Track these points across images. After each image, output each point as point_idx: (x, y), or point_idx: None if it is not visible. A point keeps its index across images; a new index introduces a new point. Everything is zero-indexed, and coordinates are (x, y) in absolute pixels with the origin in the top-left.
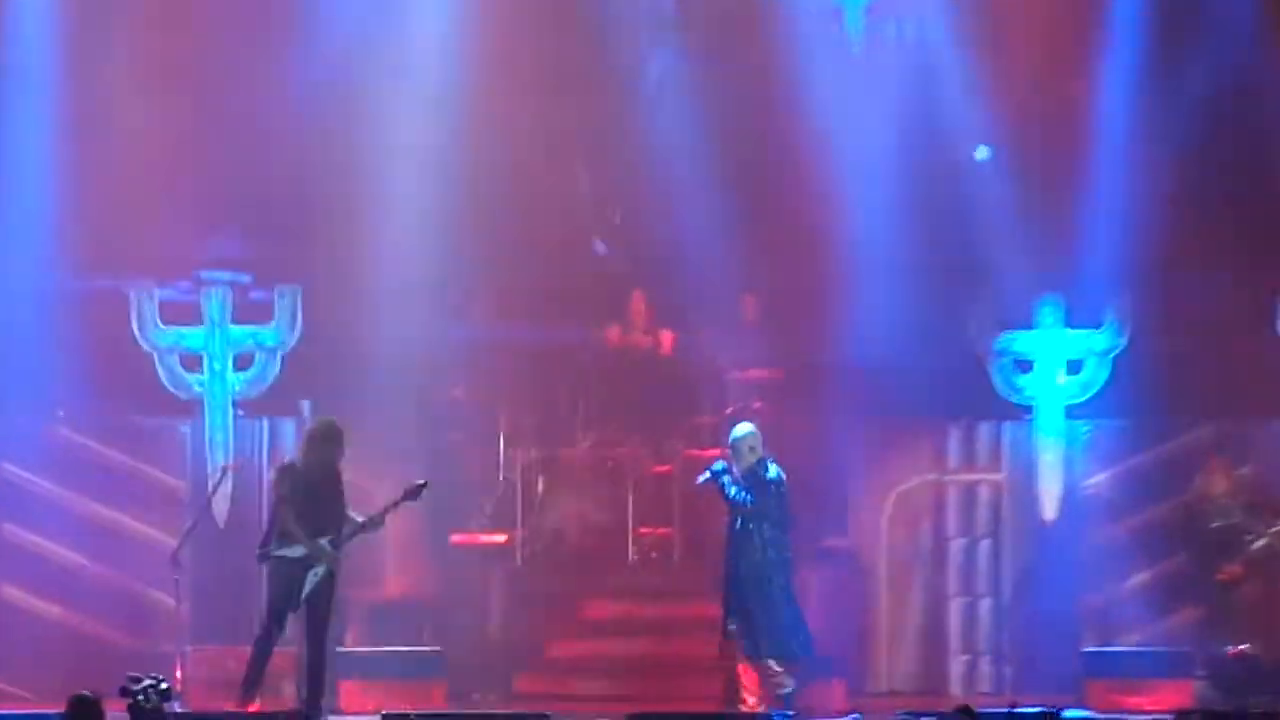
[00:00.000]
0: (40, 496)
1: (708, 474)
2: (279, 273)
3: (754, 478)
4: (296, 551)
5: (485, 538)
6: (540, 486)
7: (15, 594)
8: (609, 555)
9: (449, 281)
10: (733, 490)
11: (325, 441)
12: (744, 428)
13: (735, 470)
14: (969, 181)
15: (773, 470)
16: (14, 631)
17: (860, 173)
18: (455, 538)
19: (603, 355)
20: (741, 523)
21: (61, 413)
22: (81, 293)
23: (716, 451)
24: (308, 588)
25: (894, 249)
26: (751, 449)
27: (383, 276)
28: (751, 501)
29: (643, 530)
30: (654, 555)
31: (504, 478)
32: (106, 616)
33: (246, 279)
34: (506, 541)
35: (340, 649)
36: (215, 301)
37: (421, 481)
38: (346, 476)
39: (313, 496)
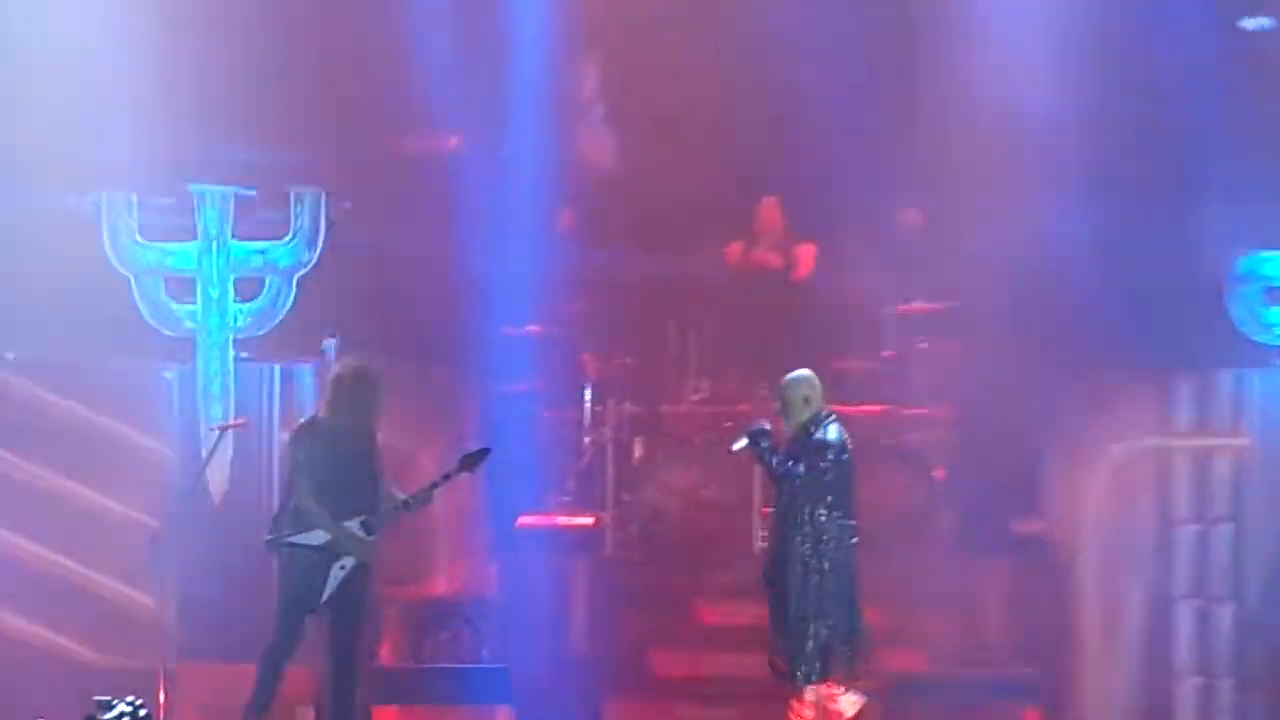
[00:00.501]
0: None
1: (743, 438)
2: (295, 181)
3: (806, 440)
4: (317, 538)
5: (565, 520)
6: (637, 453)
7: None
8: (727, 542)
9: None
10: (774, 459)
11: (357, 393)
12: (798, 373)
13: (787, 428)
14: (1196, 65)
15: (832, 431)
16: None
17: (1055, 59)
18: (525, 520)
19: (721, 282)
20: (789, 502)
21: (11, 356)
22: (38, 211)
23: (868, 407)
24: (331, 585)
25: (1099, 153)
26: (806, 400)
27: (431, 185)
28: (800, 472)
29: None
30: None
31: (590, 442)
32: (70, 624)
33: (252, 193)
34: (593, 525)
35: (374, 665)
36: (211, 211)
37: (481, 447)
38: (383, 440)
39: (340, 466)
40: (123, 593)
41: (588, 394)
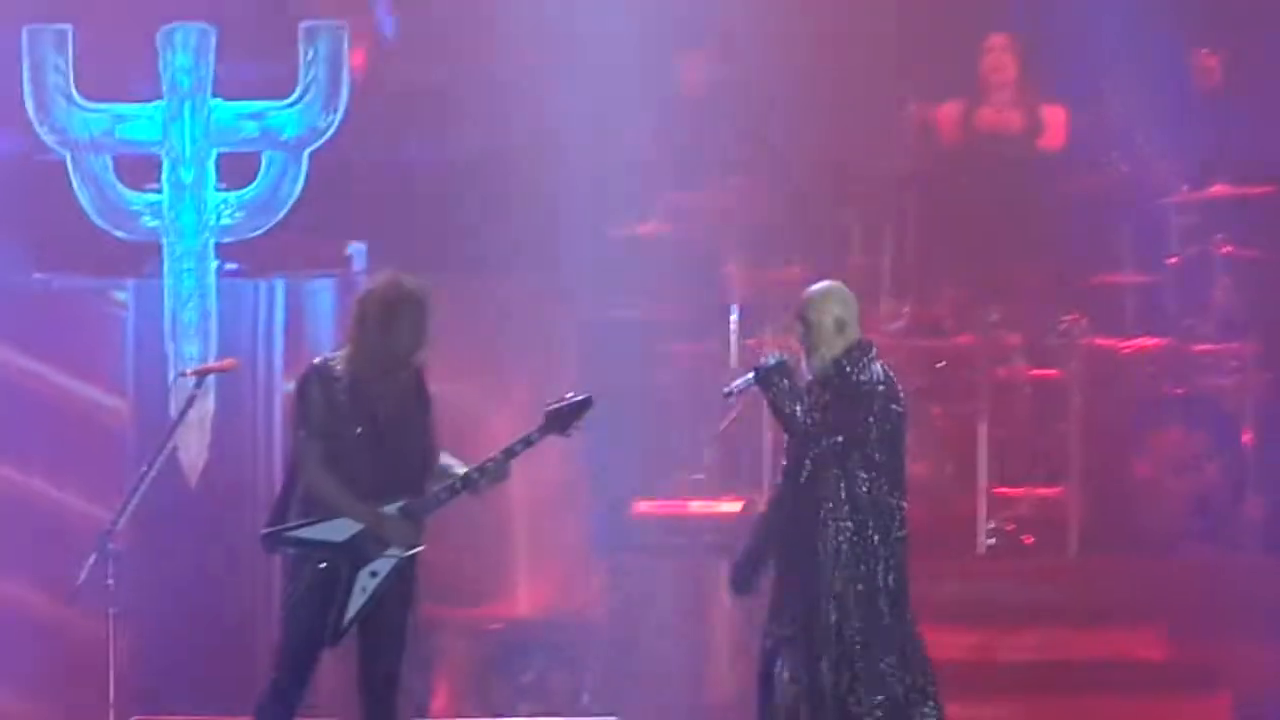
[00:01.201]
0: None
1: (749, 375)
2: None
3: (841, 383)
4: (336, 531)
5: (700, 507)
6: None
7: None
8: (941, 536)
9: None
10: (791, 405)
11: (395, 322)
12: (827, 286)
13: (810, 367)
14: None
15: (878, 370)
16: None
17: None
18: (642, 507)
19: (929, 160)
20: (809, 468)
21: None
22: None
23: (1142, 341)
24: (358, 602)
25: None
26: (840, 325)
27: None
28: (825, 423)
29: (1006, 489)
30: (1025, 537)
31: (738, 394)
32: None
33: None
34: (741, 513)
35: None
36: (183, 56)
37: (579, 397)
38: (436, 389)
39: (370, 427)
40: (59, 617)
41: (734, 321)
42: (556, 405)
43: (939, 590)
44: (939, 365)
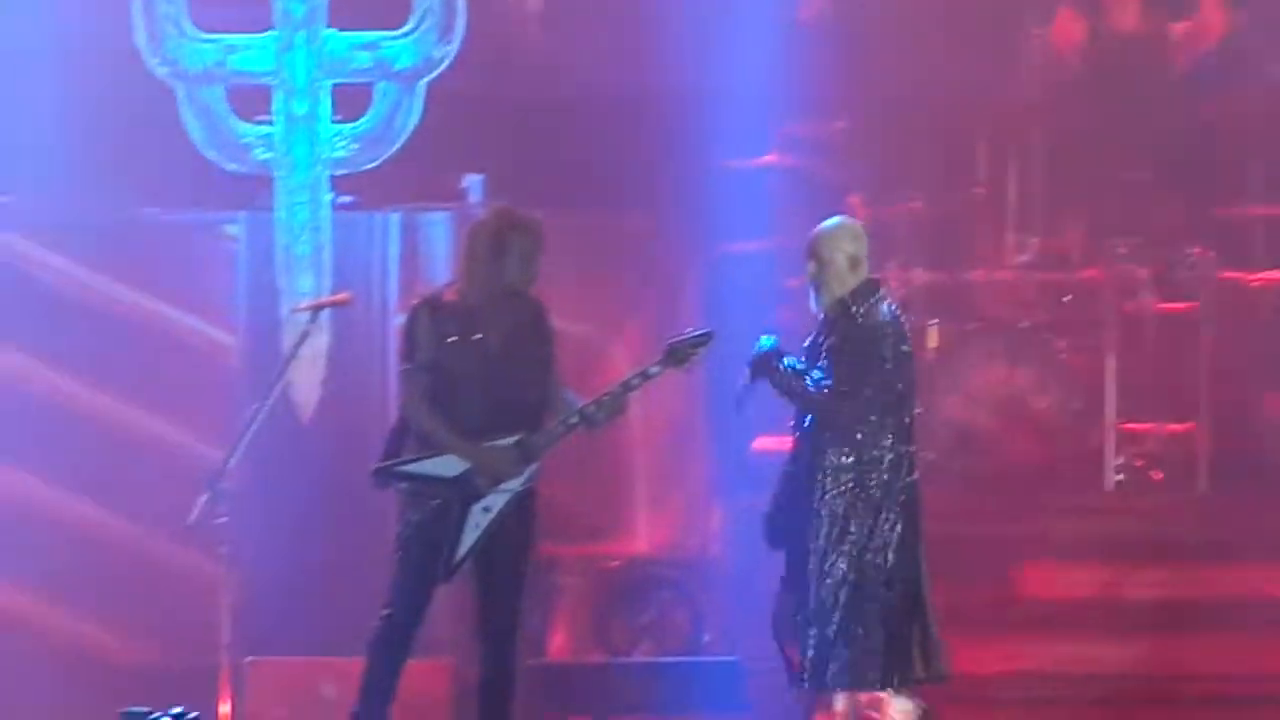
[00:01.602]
0: None
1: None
2: None
3: (849, 324)
4: (448, 466)
5: None
6: (932, 343)
7: None
8: (1069, 476)
9: None
10: (799, 383)
11: (505, 253)
12: (840, 222)
13: (818, 303)
14: None
15: (885, 309)
16: None
17: None
18: (763, 443)
19: (1055, 77)
20: (810, 427)
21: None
22: None
23: (1271, 275)
24: (471, 538)
25: None
26: (854, 263)
27: None
28: (838, 377)
29: (1134, 425)
30: (1154, 473)
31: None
32: (98, 606)
33: None
34: None
35: (536, 661)
36: None
37: (699, 331)
38: (552, 324)
39: (483, 361)
40: (171, 559)
41: None
42: (676, 339)
43: (1065, 527)
44: (1065, 299)
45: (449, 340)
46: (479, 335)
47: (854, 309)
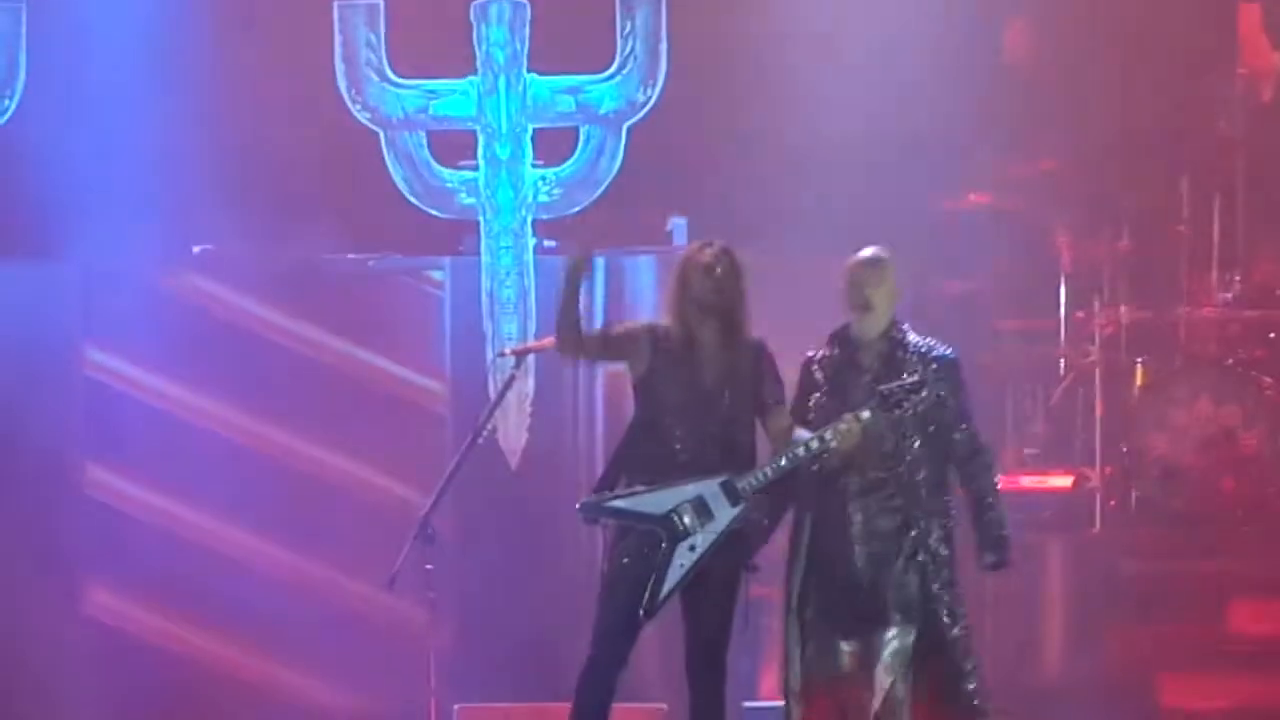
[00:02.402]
0: (156, 416)
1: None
2: None
3: (906, 360)
4: (656, 503)
5: (1031, 482)
6: (1140, 380)
7: (116, 606)
8: (1276, 509)
9: None
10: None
11: (715, 289)
12: (881, 252)
13: (858, 330)
14: None
15: (913, 341)
16: (122, 678)
17: None
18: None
19: (1254, 117)
20: (904, 472)
21: (201, 249)
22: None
23: None
24: (676, 575)
25: None
26: (884, 289)
27: None
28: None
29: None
30: None
31: (1068, 364)
32: (307, 652)
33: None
34: (1074, 488)
35: (749, 703)
36: (498, 29)
37: (913, 379)
38: (772, 365)
39: (694, 395)
40: (380, 603)
41: (1063, 293)
42: (889, 385)
43: (1273, 562)
44: (1271, 336)
45: (659, 371)
46: (691, 369)
47: (910, 345)
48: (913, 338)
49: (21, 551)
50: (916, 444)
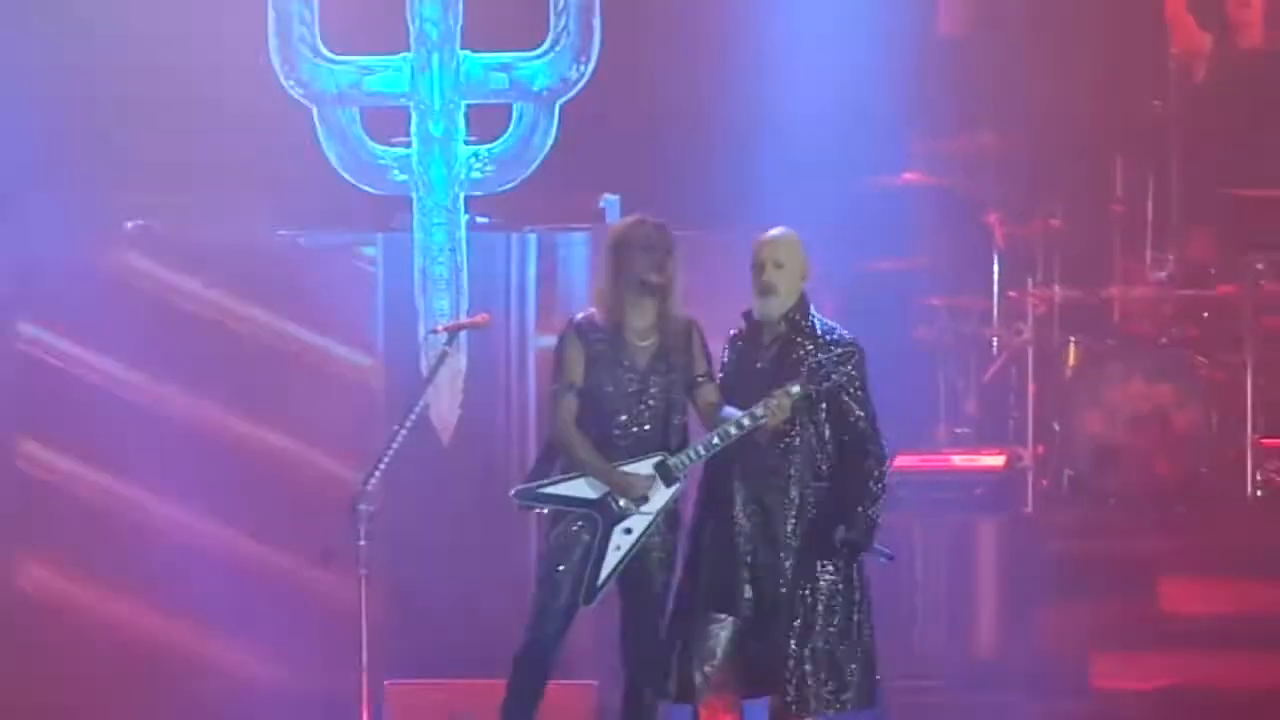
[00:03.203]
0: (88, 390)
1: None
2: None
3: (814, 340)
4: (590, 487)
5: (963, 461)
6: (1072, 359)
7: (48, 581)
8: (1209, 492)
9: None
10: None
11: (656, 267)
12: (793, 233)
13: (759, 311)
14: None
15: (815, 325)
16: (55, 654)
17: None
18: (902, 462)
19: (1187, 97)
20: (803, 460)
21: (133, 225)
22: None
23: None
24: (613, 559)
25: None
26: (787, 271)
27: None
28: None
29: (1273, 440)
30: None
31: (1000, 343)
32: (241, 629)
33: None
34: (1005, 467)
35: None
36: (429, 5)
37: (840, 351)
38: (703, 343)
39: (628, 379)
40: (313, 581)
41: (995, 272)
42: (819, 358)
43: (1212, 538)
44: (1205, 315)
45: (597, 359)
46: (625, 355)
47: (814, 326)
48: (818, 322)
49: None
50: (803, 425)
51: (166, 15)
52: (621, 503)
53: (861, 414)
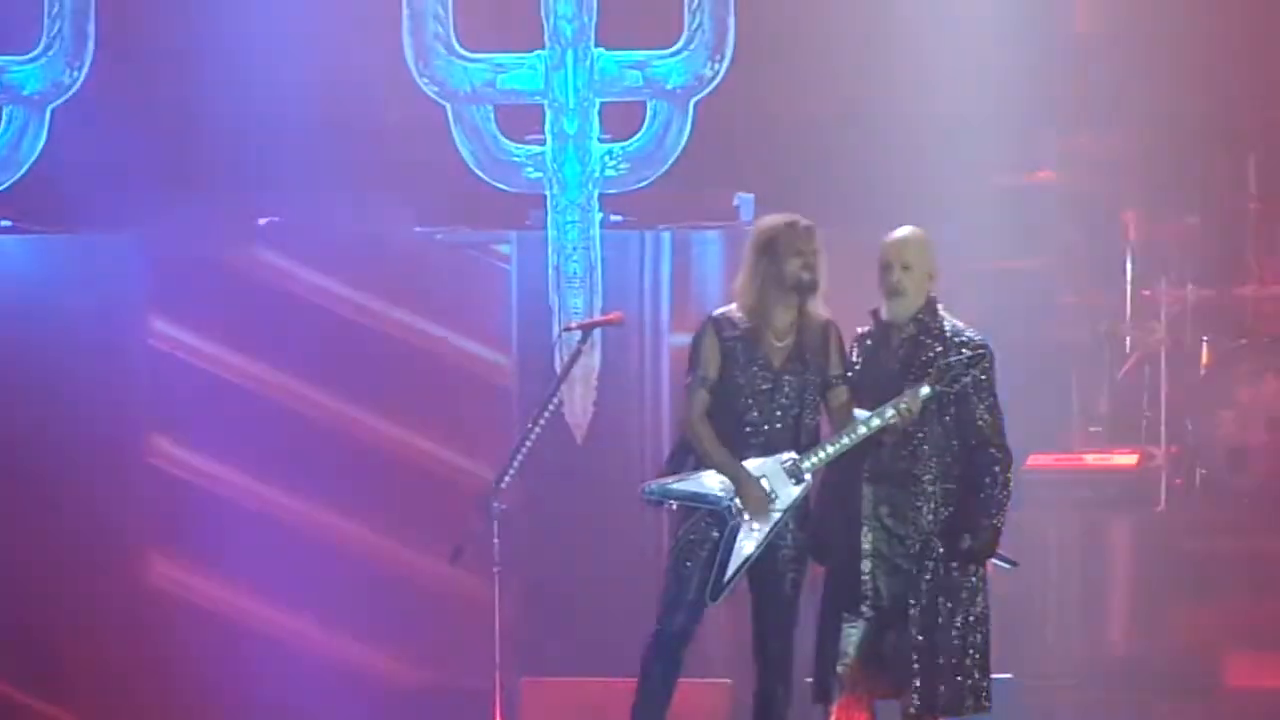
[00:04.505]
0: (220, 387)
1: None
2: None
3: (943, 341)
4: (716, 485)
5: (1095, 460)
6: (1206, 359)
7: (180, 577)
8: None
9: None
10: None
11: (806, 267)
12: (917, 231)
13: (888, 312)
14: None
15: (945, 326)
16: (186, 650)
17: None
18: (1034, 461)
19: None
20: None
21: (266, 221)
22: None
23: None
24: (740, 557)
25: None
26: (915, 273)
27: None
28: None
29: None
30: None
31: (1131, 340)
32: (367, 625)
33: None
34: (1137, 466)
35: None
36: (564, 2)
37: (972, 352)
38: (840, 343)
39: (765, 376)
40: (447, 577)
41: (1129, 271)
42: (949, 360)
43: None
44: None
45: (732, 355)
46: (761, 353)
47: (945, 328)
48: (946, 322)
49: (86, 522)
50: (931, 427)
51: (303, 13)
52: (739, 509)
53: (988, 417)
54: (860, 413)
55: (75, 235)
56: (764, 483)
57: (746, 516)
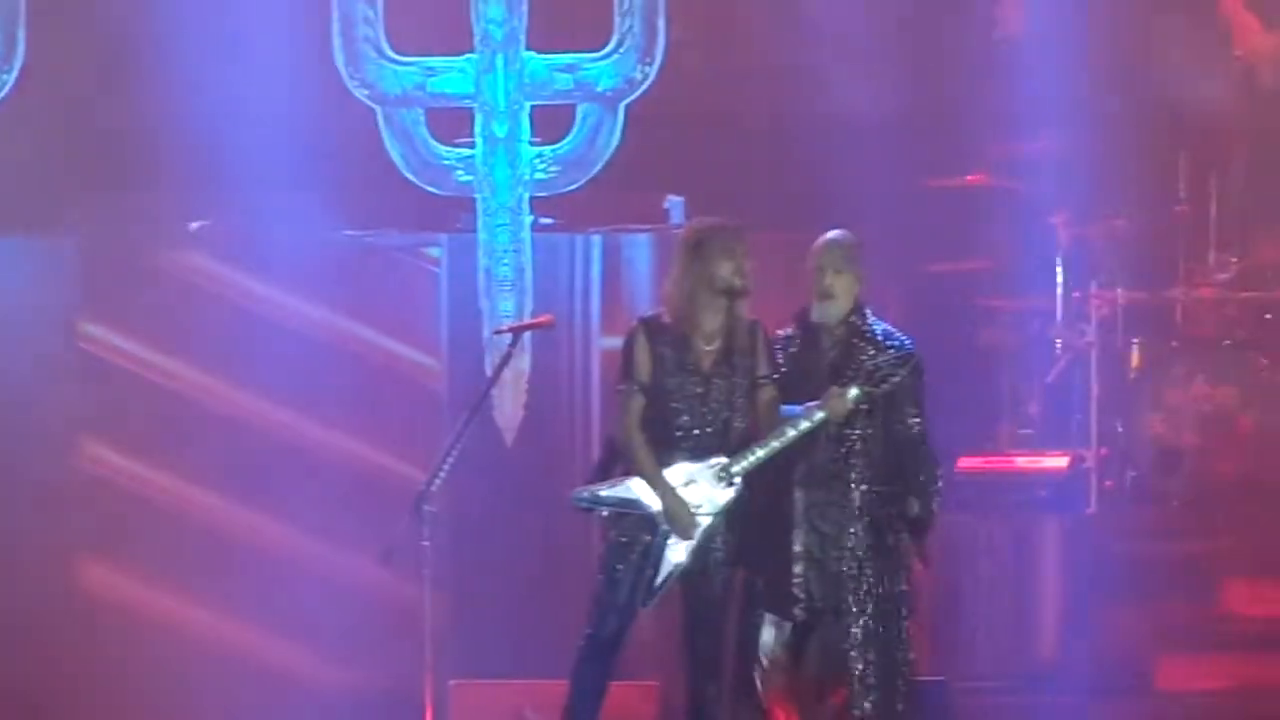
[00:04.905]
0: (150, 390)
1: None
2: None
3: (875, 345)
4: (646, 492)
5: (1026, 463)
6: (1135, 361)
7: (114, 582)
8: (1273, 490)
9: None
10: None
11: (737, 271)
12: (833, 238)
13: (819, 314)
14: None
15: (874, 329)
16: (121, 655)
17: None
18: (964, 464)
19: (1254, 99)
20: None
21: (198, 225)
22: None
23: None
24: (670, 564)
25: None
26: (846, 277)
27: None
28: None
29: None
30: None
31: (1063, 345)
32: (296, 628)
33: None
34: (1068, 469)
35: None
36: (494, 6)
37: (900, 355)
38: (769, 345)
39: (692, 381)
40: (375, 579)
41: (1059, 274)
42: (877, 361)
43: (1268, 543)
44: (1267, 317)
45: (662, 360)
46: (690, 357)
47: (875, 332)
48: (875, 326)
49: (20, 527)
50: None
51: (231, 16)
52: (665, 527)
53: (916, 420)
54: (790, 409)
55: (3, 238)
56: (694, 488)
57: (700, 512)
